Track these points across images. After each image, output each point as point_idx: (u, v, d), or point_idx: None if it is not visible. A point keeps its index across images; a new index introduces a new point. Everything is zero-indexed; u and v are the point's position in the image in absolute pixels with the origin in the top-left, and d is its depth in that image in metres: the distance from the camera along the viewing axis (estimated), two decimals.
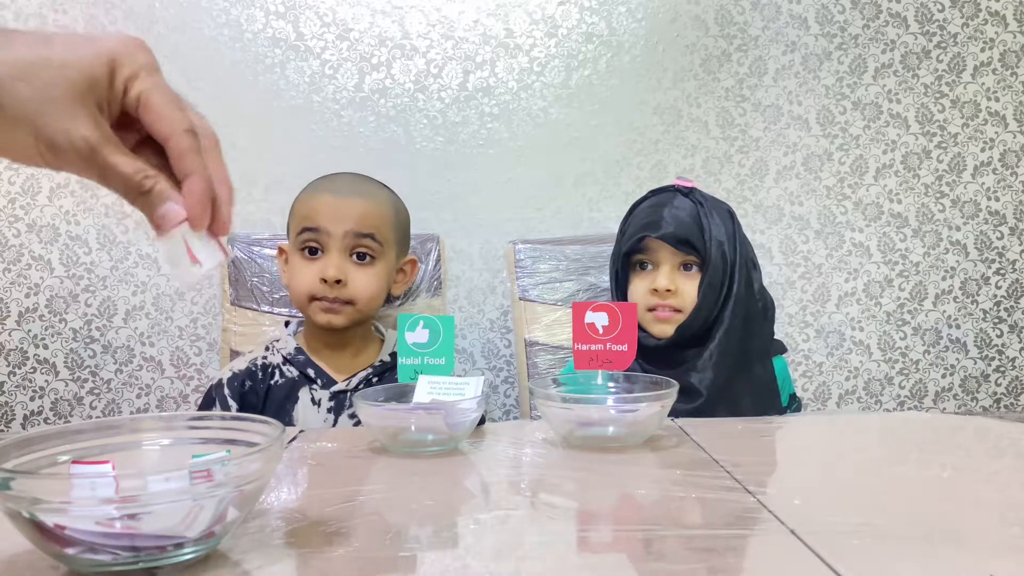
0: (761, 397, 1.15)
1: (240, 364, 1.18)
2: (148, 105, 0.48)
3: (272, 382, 1.15)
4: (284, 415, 1.13)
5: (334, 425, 1.13)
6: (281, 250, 1.24)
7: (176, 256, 0.53)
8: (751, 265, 1.19)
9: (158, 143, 0.50)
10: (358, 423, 1.13)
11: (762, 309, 1.19)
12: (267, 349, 1.20)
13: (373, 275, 1.15)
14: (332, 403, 1.14)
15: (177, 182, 0.50)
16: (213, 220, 0.51)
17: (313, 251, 1.14)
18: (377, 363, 1.19)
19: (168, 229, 0.50)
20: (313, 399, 1.14)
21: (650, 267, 1.18)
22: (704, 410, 1.10)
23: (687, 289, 1.15)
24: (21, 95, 0.45)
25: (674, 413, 1.01)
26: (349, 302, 1.13)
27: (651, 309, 1.16)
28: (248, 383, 1.15)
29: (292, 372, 1.16)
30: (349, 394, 1.15)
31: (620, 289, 1.22)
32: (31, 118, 0.46)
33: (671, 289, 1.14)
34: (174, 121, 0.49)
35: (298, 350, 1.18)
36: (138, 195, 0.49)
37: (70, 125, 0.46)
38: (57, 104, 0.46)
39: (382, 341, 1.24)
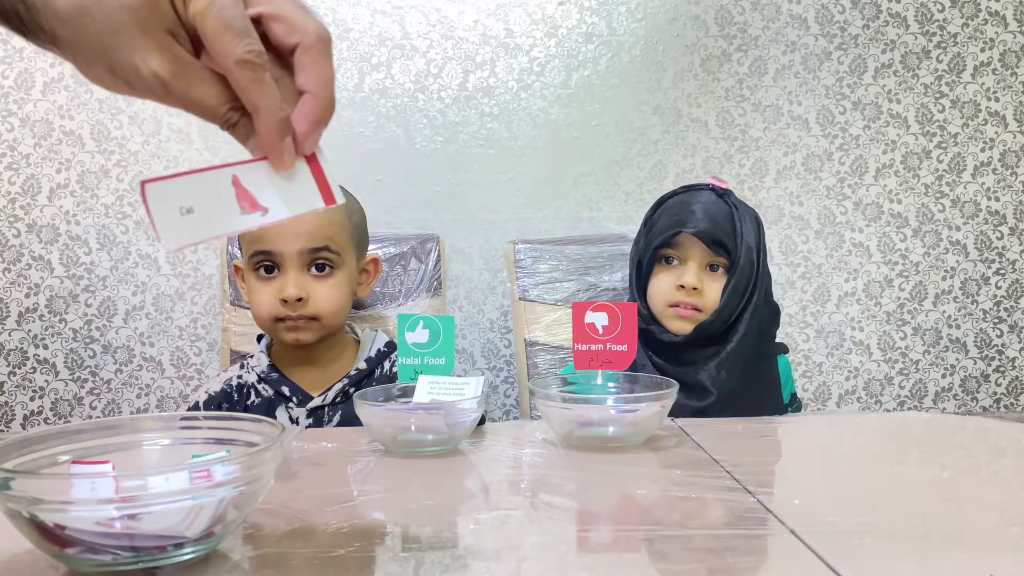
0: (765, 399, 1.16)
1: (215, 386, 1.16)
2: (203, 33, 0.43)
3: (248, 403, 1.13)
4: None
5: None
6: (237, 268, 1.20)
7: (202, 202, 0.44)
8: (768, 275, 1.19)
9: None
10: None
11: (771, 317, 1.19)
12: (241, 367, 1.17)
13: (335, 286, 1.11)
14: (310, 420, 1.11)
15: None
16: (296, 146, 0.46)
17: (269, 269, 1.10)
18: (353, 372, 1.15)
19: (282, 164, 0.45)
20: (291, 417, 1.11)
21: (676, 263, 1.17)
22: (712, 409, 1.11)
23: (711, 289, 1.14)
24: (88, 29, 0.42)
25: (682, 411, 1.01)
26: (314, 318, 1.10)
27: (672, 305, 1.15)
28: (225, 405, 1.13)
29: (267, 391, 1.13)
30: (327, 409, 1.12)
31: (641, 283, 1.21)
32: (101, 54, 0.43)
33: (697, 287, 1.13)
34: (225, 51, 0.43)
35: (271, 367, 1.14)
36: (226, 127, 0.45)
37: (138, 58, 0.43)
38: (124, 36, 0.42)
39: (357, 343, 1.21)
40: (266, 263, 1.10)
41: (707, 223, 1.13)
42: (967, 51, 1.87)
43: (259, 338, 1.21)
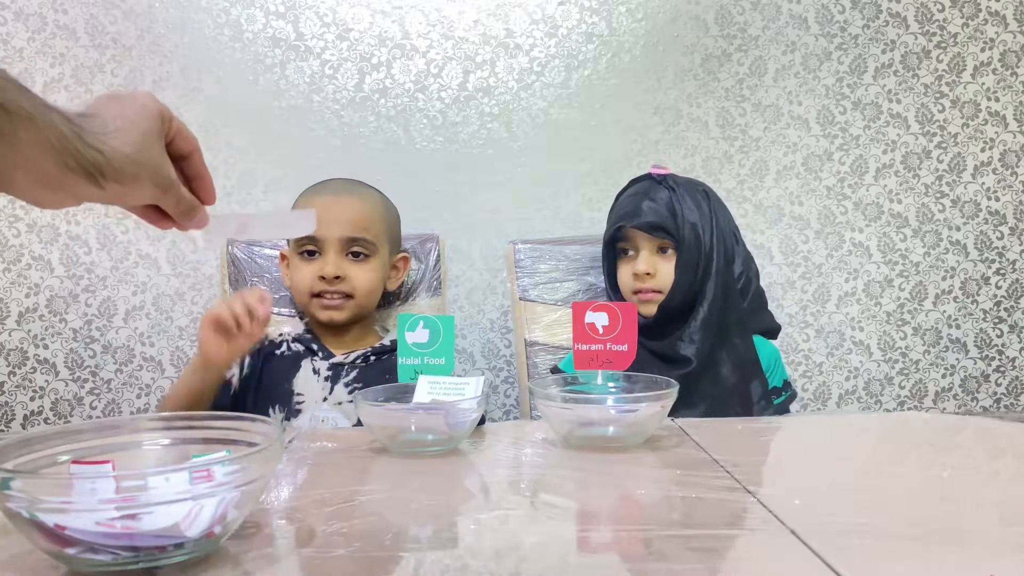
0: (741, 369, 1.21)
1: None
2: (182, 133, 0.60)
3: (276, 352, 1.24)
4: (284, 381, 1.21)
5: (331, 392, 1.20)
6: (283, 256, 1.33)
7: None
8: (733, 240, 1.27)
9: None
10: (353, 390, 1.18)
11: (741, 285, 1.26)
12: (280, 333, 1.29)
13: (370, 269, 1.24)
14: (330, 372, 1.21)
15: None
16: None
17: (311, 253, 1.23)
18: (377, 345, 1.26)
19: (201, 227, 0.63)
20: (314, 368, 1.22)
21: (632, 253, 1.27)
22: (692, 376, 1.16)
23: (665, 270, 1.23)
24: (132, 158, 0.54)
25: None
26: (349, 295, 1.22)
27: (635, 292, 1.25)
28: (252, 354, 1.23)
29: (298, 347, 1.25)
30: (346, 366, 1.22)
31: (609, 276, 1.32)
32: (149, 172, 0.55)
33: (650, 272, 1.23)
34: (195, 140, 0.62)
35: (306, 329, 1.28)
36: (189, 209, 0.61)
37: (168, 169, 0.58)
38: (158, 154, 0.57)
39: (381, 339, 1.31)
40: (309, 248, 1.23)
41: (648, 213, 1.23)
42: (967, 51, 1.87)
43: (300, 316, 1.33)
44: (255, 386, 1.21)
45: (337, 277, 1.21)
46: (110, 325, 1.76)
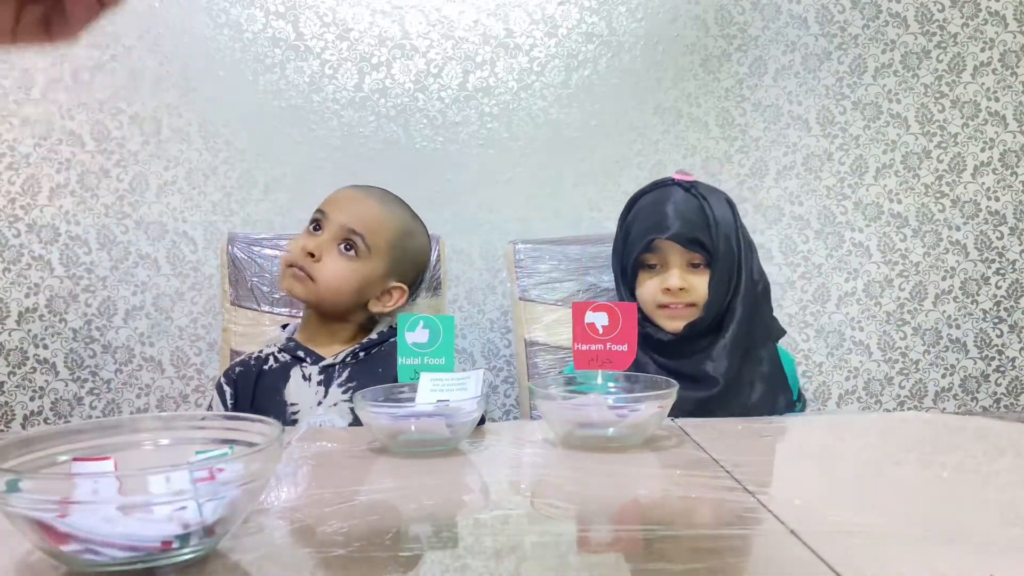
0: (770, 380, 1.16)
1: (237, 359, 1.27)
2: None
3: (265, 367, 1.22)
4: (276, 394, 1.19)
5: (325, 395, 1.18)
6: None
7: None
8: (751, 250, 1.21)
9: None
10: (348, 390, 1.18)
11: (762, 292, 1.20)
12: (265, 348, 1.27)
13: (346, 266, 1.20)
14: (322, 376, 1.20)
15: None
16: None
17: (317, 227, 1.22)
18: (365, 340, 1.24)
19: None
20: (304, 375, 1.20)
21: (658, 266, 1.18)
22: (721, 397, 1.11)
23: (698, 285, 1.15)
24: None
25: (687, 402, 1.01)
26: (312, 277, 1.19)
27: (661, 306, 1.16)
28: (239, 369, 1.23)
29: (285, 358, 1.23)
30: (337, 367, 1.20)
31: (628, 287, 1.22)
32: None
33: (684, 287, 1.14)
34: None
35: (289, 339, 1.25)
36: None
37: None
38: None
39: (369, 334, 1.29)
40: (316, 220, 1.23)
41: (680, 224, 1.14)
42: (967, 51, 1.87)
43: (284, 327, 1.31)
44: (248, 408, 1.19)
45: (311, 255, 1.18)
46: (110, 325, 1.76)
